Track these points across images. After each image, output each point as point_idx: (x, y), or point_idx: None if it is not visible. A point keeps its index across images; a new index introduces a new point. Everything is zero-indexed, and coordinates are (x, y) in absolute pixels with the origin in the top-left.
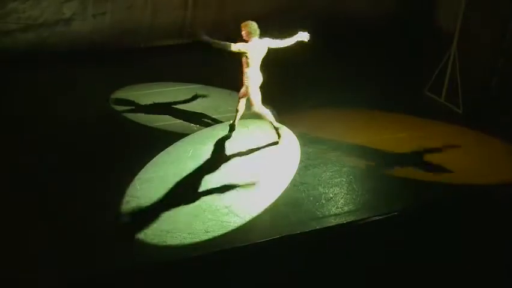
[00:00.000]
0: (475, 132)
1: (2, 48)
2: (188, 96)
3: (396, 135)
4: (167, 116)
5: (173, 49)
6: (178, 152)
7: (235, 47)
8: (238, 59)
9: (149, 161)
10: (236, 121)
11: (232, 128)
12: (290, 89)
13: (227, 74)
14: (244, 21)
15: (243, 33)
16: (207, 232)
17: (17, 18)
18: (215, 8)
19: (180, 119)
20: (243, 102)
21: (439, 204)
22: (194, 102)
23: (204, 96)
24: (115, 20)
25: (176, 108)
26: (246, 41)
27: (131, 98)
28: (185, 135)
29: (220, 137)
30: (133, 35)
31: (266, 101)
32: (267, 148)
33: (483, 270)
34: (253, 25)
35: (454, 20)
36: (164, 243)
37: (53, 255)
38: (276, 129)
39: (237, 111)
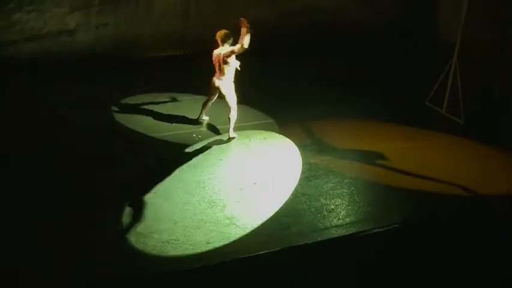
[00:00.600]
0: (476, 143)
1: (6, 57)
2: (193, 107)
3: (397, 146)
4: (169, 127)
5: (175, 59)
6: (180, 162)
7: None
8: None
9: (150, 172)
10: (230, 128)
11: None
12: (292, 100)
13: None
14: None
15: (218, 41)
16: (208, 243)
17: (21, 29)
18: (216, 17)
19: (182, 129)
20: (231, 116)
21: (440, 215)
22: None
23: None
24: (118, 31)
25: (178, 119)
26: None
27: (133, 108)
28: (187, 146)
29: (221, 147)
30: (135, 46)
31: (269, 112)
32: (268, 159)
33: (484, 281)
34: (221, 33)
35: (454, 28)
36: (165, 255)
37: (53, 259)
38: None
39: (228, 119)
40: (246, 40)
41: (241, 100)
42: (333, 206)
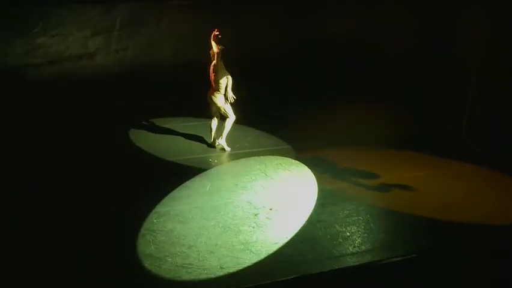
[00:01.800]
0: (494, 172)
1: (29, 80)
2: (207, 131)
3: (413, 174)
4: (185, 151)
5: (193, 84)
6: (195, 186)
7: None
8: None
9: (166, 195)
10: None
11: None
12: (308, 126)
13: (244, 109)
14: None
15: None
16: (222, 268)
17: (44, 52)
18: (233, 44)
19: (198, 153)
20: (227, 121)
21: (457, 245)
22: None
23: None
24: (137, 55)
25: (195, 143)
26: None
27: (150, 131)
28: (203, 170)
29: (237, 172)
30: (154, 70)
31: (285, 138)
32: (284, 184)
33: None
34: (213, 50)
35: (472, 56)
36: (178, 279)
37: (66, 283)
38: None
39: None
40: (214, 45)
41: (258, 126)
42: (348, 233)
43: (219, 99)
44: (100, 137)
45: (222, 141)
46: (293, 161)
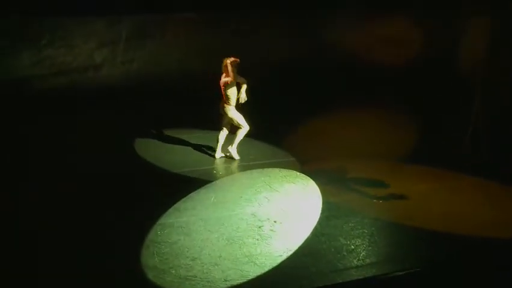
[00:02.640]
0: (499, 185)
1: (36, 90)
2: (214, 143)
3: (418, 187)
4: (190, 162)
5: (198, 95)
6: (200, 198)
7: None
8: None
9: (171, 207)
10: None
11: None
12: (313, 139)
13: (249, 121)
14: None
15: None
16: (226, 281)
17: (51, 64)
18: (239, 56)
19: (203, 165)
20: (240, 131)
21: (462, 258)
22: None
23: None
24: (142, 67)
25: (200, 155)
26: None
27: (155, 142)
28: (208, 182)
29: (242, 184)
30: (159, 81)
31: (290, 150)
32: (288, 197)
33: None
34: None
35: (477, 67)
36: None
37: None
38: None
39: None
40: (231, 75)
41: (264, 138)
42: (353, 247)
43: (229, 111)
44: (105, 146)
45: (232, 149)
46: (298, 173)
